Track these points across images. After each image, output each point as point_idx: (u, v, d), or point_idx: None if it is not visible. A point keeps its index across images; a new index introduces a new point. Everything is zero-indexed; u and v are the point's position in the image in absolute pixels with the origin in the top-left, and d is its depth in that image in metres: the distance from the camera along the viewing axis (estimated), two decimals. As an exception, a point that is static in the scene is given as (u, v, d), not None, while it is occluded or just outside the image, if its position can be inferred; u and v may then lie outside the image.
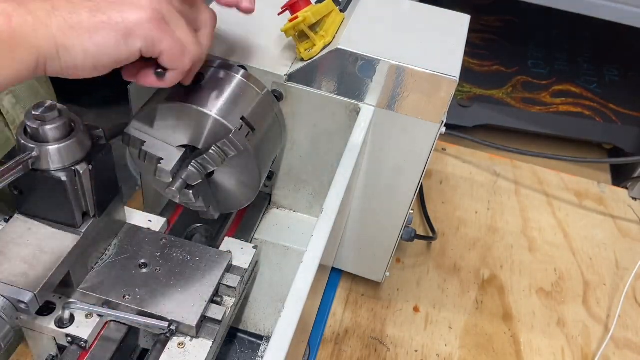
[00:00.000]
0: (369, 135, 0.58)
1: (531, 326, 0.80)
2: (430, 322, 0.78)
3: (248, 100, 0.51)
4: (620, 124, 1.15)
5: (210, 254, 0.52)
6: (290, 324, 0.40)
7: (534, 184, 1.03)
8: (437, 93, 0.54)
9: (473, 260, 0.88)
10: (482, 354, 0.75)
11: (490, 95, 1.17)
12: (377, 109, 0.57)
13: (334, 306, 0.78)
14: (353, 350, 0.73)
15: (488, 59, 1.25)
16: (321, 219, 0.47)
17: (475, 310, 0.80)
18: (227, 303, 0.51)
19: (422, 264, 0.86)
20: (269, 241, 0.63)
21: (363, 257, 0.74)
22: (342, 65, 0.54)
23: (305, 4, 0.53)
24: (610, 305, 0.84)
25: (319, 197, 0.65)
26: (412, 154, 0.59)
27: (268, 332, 0.66)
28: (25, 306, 0.43)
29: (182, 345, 0.47)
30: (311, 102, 0.57)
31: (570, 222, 0.97)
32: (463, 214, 0.95)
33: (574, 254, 0.91)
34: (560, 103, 1.17)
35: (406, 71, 0.53)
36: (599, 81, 1.24)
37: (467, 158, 1.06)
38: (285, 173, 0.64)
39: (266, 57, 0.56)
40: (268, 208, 0.68)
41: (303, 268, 0.44)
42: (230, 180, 0.52)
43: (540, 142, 1.15)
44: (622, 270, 0.90)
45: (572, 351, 0.77)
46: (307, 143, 0.60)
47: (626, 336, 0.80)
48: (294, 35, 0.54)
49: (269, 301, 0.63)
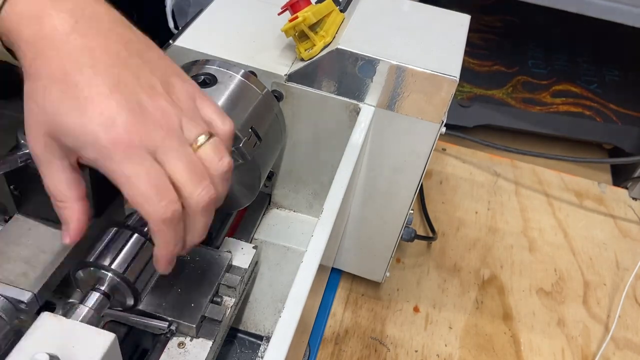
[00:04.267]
0: (369, 135, 0.58)
1: (531, 326, 0.80)
2: (430, 322, 0.78)
3: (248, 100, 0.51)
4: (620, 124, 1.14)
5: (210, 254, 0.52)
6: (290, 324, 0.40)
7: (534, 184, 1.03)
8: (437, 93, 0.54)
9: (473, 261, 0.88)
10: (482, 354, 0.75)
11: (490, 95, 1.17)
12: (377, 109, 0.57)
13: (334, 306, 0.78)
14: (353, 351, 0.73)
15: (488, 59, 1.25)
16: (321, 219, 0.47)
17: (475, 310, 0.80)
18: (227, 303, 0.51)
19: (422, 264, 0.86)
20: (269, 241, 0.63)
21: (363, 257, 0.74)
22: (342, 65, 0.54)
23: (305, 4, 0.53)
24: (610, 305, 0.84)
25: (319, 197, 0.65)
26: (412, 154, 0.59)
27: (268, 332, 0.66)
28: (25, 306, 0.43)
29: (182, 345, 0.47)
30: (311, 102, 0.57)
31: (570, 222, 0.97)
32: (463, 214, 0.95)
33: (574, 254, 0.91)
34: (561, 103, 1.17)
35: (406, 71, 0.53)
36: (599, 81, 1.24)
37: (467, 158, 1.06)
38: (285, 173, 0.64)
39: (266, 57, 0.56)
40: (268, 208, 0.68)
41: (303, 268, 0.44)
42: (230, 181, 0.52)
43: (540, 142, 1.14)
44: (622, 270, 0.90)
45: (572, 351, 0.77)
46: (307, 143, 0.60)
47: (626, 336, 0.80)
48: (294, 35, 0.54)
49: (269, 301, 0.63)
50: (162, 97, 0.35)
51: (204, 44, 0.55)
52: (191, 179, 0.35)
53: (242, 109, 0.49)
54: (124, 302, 0.41)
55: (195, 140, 0.36)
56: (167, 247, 0.37)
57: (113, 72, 0.34)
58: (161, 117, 0.34)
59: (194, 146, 0.36)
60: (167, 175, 0.34)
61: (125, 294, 0.40)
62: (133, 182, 0.33)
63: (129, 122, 0.33)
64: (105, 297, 0.39)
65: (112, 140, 0.32)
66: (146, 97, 0.34)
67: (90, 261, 0.39)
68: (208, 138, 0.37)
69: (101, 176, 0.34)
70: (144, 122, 0.33)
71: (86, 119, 0.32)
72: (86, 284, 0.40)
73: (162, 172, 0.34)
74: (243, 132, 0.48)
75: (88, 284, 0.40)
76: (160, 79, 0.36)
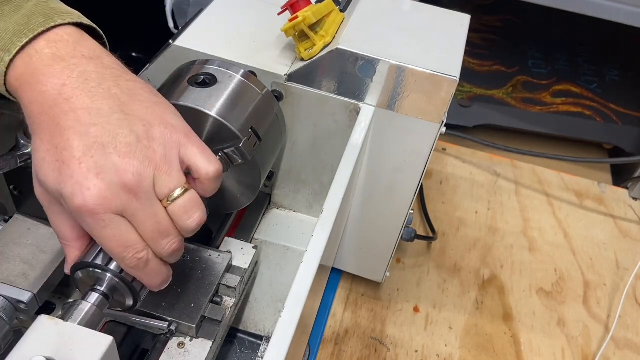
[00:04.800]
0: (369, 135, 0.58)
1: (531, 326, 0.80)
2: (431, 322, 0.78)
3: (248, 100, 0.51)
4: (620, 124, 1.14)
5: (210, 254, 0.52)
6: (290, 324, 0.40)
7: (534, 184, 1.03)
8: (437, 93, 0.54)
9: (473, 261, 0.88)
10: (482, 354, 0.75)
11: (490, 95, 1.16)
12: (377, 109, 0.56)
13: (334, 306, 0.78)
14: (353, 351, 0.73)
15: (488, 59, 1.25)
16: (321, 219, 0.47)
17: (476, 311, 0.80)
18: (227, 303, 0.51)
19: (422, 264, 0.86)
20: (269, 241, 0.63)
21: (363, 257, 0.74)
22: (342, 65, 0.54)
23: (305, 3, 0.53)
24: (610, 305, 0.84)
25: (319, 197, 0.65)
26: (412, 154, 0.59)
27: (268, 332, 0.66)
28: (25, 306, 0.43)
29: (182, 346, 0.47)
30: (311, 102, 0.57)
31: (570, 222, 0.97)
32: (463, 214, 0.95)
33: (574, 254, 0.91)
34: (561, 103, 1.17)
35: (406, 71, 0.53)
36: (600, 81, 1.24)
37: (467, 158, 1.06)
38: (285, 173, 0.64)
39: (266, 57, 0.56)
40: (268, 208, 0.68)
41: (303, 268, 0.44)
42: (230, 181, 0.52)
43: (540, 142, 1.14)
44: (623, 270, 0.90)
45: (573, 351, 0.77)
46: (307, 143, 0.60)
47: (626, 336, 0.80)
48: (294, 35, 0.53)
49: (269, 301, 0.63)
50: (135, 157, 0.36)
51: (204, 44, 0.55)
52: (154, 238, 0.38)
53: (242, 109, 0.49)
54: (123, 303, 0.41)
55: (169, 195, 0.38)
56: (148, 282, 0.40)
57: (90, 133, 0.35)
58: (132, 178, 0.36)
59: (165, 202, 0.38)
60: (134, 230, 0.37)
61: (124, 294, 0.40)
62: (101, 242, 0.37)
63: (97, 188, 0.35)
64: (104, 298, 0.39)
65: (80, 207, 0.35)
66: (119, 159, 0.35)
67: (89, 262, 0.39)
68: (183, 192, 0.38)
69: None
70: (112, 186, 0.35)
71: (61, 181, 0.35)
72: (85, 285, 0.40)
73: (129, 229, 0.37)
74: (243, 132, 0.48)
75: (87, 285, 0.40)
76: (139, 133, 0.37)
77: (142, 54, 1.00)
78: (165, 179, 0.37)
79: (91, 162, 0.35)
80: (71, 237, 0.39)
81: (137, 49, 1.00)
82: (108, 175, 0.35)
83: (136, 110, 0.38)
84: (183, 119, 0.41)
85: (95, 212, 0.35)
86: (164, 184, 0.37)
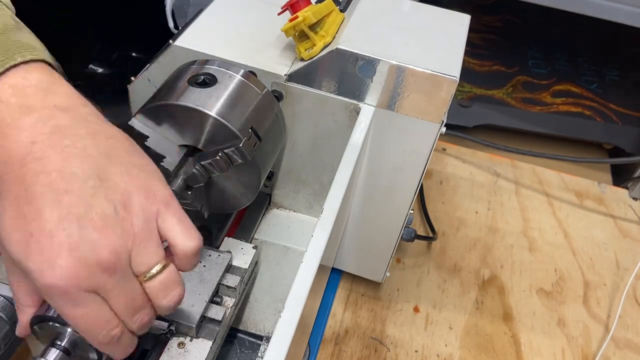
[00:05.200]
0: (369, 135, 0.58)
1: (531, 326, 0.80)
2: (431, 322, 0.78)
3: (248, 100, 0.51)
4: (620, 124, 1.14)
5: (210, 254, 0.52)
6: (290, 324, 0.40)
7: (534, 184, 1.03)
8: (437, 93, 0.54)
9: (473, 261, 0.88)
10: (482, 354, 0.75)
11: (490, 95, 1.17)
12: (377, 109, 0.56)
13: (334, 306, 0.78)
14: (353, 351, 0.73)
15: (488, 59, 1.25)
16: (321, 219, 0.47)
17: (476, 311, 0.80)
18: (227, 303, 0.51)
19: (422, 264, 0.86)
20: (269, 241, 0.63)
21: (363, 257, 0.74)
22: (342, 65, 0.54)
23: (305, 3, 0.53)
24: (610, 305, 0.84)
25: (319, 197, 0.65)
26: (412, 154, 0.59)
27: (268, 332, 0.66)
28: (25, 306, 0.43)
29: (182, 346, 0.47)
30: (311, 102, 0.57)
31: (570, 222, 0.97)
32: (463, 214, 0.95)
33: (574, 254, 0.91)
34: (561, 103, 1.17)
35: (406, 71, 0.53)
36: (600, 81, 1.24)
37: (467, 158, 1.06)
38: (285, 173, 0.64)
39: (266, 57, 0.56)
40: (268, 208, 0.68)
41: (303, 268, 0.44)
42: (230, 181, 0.52)
43: (540, 142, 1.14)
44: (623, 270, 0.90)
45: (573, 351, 0.77)
46: (307, 143, 0.60)
47: (626, 336, 0.80)
48: (294, 35, 0.53)
49: (269, 301, 0.63)
50: (112, 231, 0.33)
51: (204, 44, 0.55)
52: (127, 314, 0.35)
53: (242, 109, 0.49)
54: (87, 358, 0.39)
55: (146, 272, 0.35)
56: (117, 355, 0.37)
57: (64, 202, 0.32)
58: (108, 256, 0.32)
59: (141, 278, 0.35)
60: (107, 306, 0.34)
61: (86, 349, 0.38)
62: (71, 320, 0.34)
63: (68, 266, 0.31)
64: (64, 354, 0.37)
65: (49, 286, 0.32)
66: (94, 233, 0.32)
67: (48, 315, 0.37)
68: (162, 269, 0.35)
69: None
70: (86, 264, 0.32)
71: (29, 256, 0.31)
72: (45, 339, 0.38)
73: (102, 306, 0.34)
74: (243, 132, 0.48)
75: (47, 339, 0.38)
76: (116, 203, 0.34)
77: (142, 54, 1.00)
78: (144, 254, 0.34)
79: (63, 237, 0.31)
80: (26, 304, 0.36)
81: (137, 49, 1.01)
82: (82, 252, 0.32)
83: (114, 176, 0.34)
84: (165, 181, 0.38)
85: (66, 291, 0.32)
86: (142, 260, 0.34)
